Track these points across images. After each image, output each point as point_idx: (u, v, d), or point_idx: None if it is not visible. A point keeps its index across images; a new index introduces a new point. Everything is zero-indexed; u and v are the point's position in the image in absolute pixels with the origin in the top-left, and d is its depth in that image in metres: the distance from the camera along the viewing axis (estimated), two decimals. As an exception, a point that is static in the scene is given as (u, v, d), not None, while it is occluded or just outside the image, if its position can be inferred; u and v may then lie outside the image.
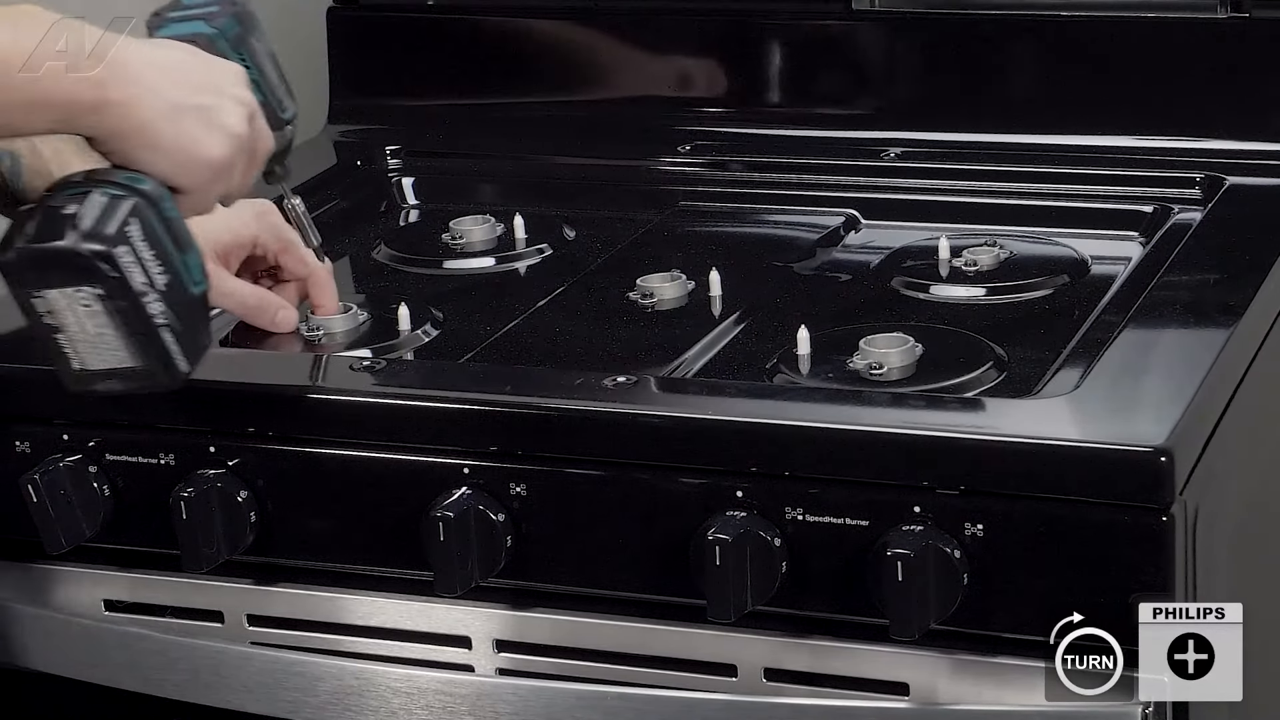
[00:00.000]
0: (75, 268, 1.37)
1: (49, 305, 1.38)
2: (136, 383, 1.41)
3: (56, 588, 1.61)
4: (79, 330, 1.39)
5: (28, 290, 1.38)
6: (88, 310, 1.38)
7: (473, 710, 1.48)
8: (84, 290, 1.37)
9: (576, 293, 1.74)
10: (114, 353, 1.39)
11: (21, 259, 1.38)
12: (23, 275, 1.38)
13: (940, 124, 1.96)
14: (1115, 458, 1.33)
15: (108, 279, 1.37)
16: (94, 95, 1.38)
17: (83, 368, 1.40)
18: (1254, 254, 1.64)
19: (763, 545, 1.39)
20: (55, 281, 1.37)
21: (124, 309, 1.38)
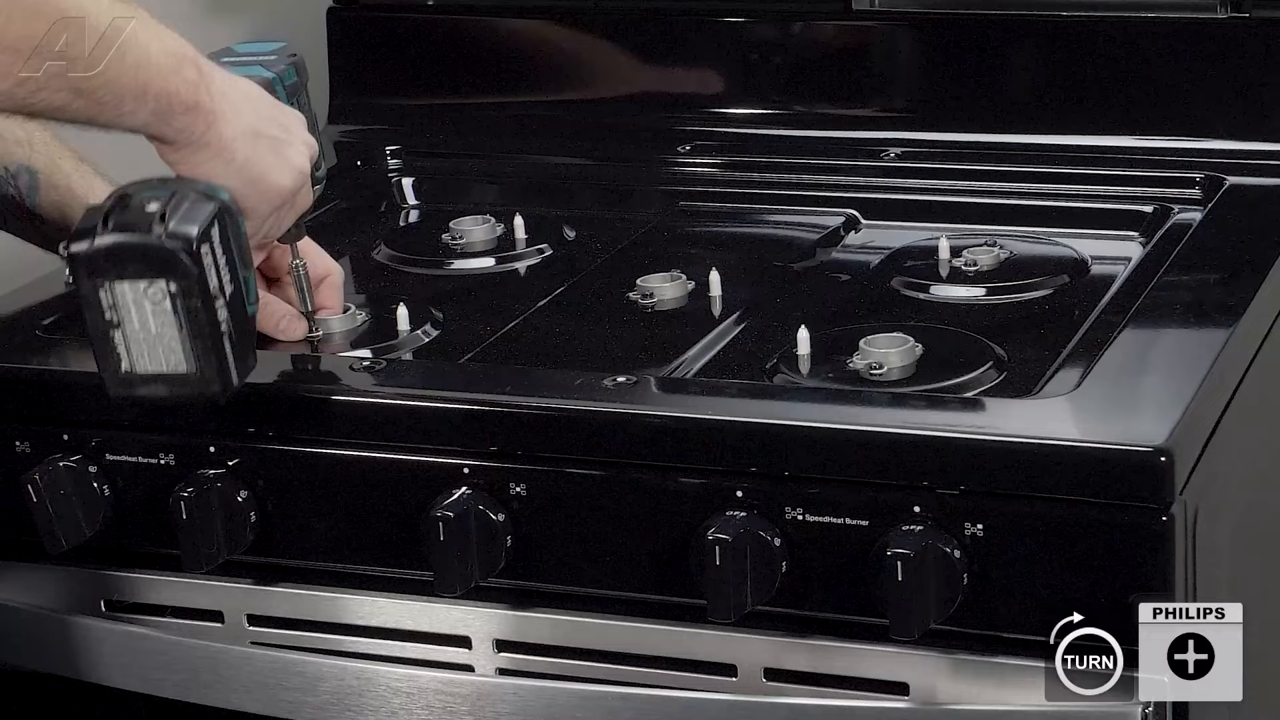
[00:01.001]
0: (157, 261, 1.38)
1: (116, 299, 1.39)
2: (182, 390, 1.42)
3: (56, 588, 1.61)
4: (140, 329, 1.40)
5: (98, 281, 1.39)
6: (156, 308, 1.39)
7: (473, 710, 1.48)
8: (158, 285, 1.38)
9: (576, 293, 1.74)
10: (170, 355, 1.40)
11: (101, 248, 1.38)
12: (98, 265, 1.39)
13: (940, 124, 1.96)
14: (1115, 458, 1.33)
15: (188, 275, 1.38)
16: (191, 96, 1.42)
17: (130, 370, 1.41)
18: (1254, 254, 1.64)
19: (763, 545, 1.39)
20: (131, 274, 1.38)
21: (194, 309, 1.39)
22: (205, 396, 1.43)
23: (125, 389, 1.42)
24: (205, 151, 1.45)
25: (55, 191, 1.67)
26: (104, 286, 1.39)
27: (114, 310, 1.40)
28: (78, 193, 1.67)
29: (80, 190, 1.67)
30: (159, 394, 1.42)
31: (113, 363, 1.41)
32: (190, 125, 1.43)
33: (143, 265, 1.39)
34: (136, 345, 1.41)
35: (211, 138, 1.45)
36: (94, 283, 1.39)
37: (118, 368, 1.42)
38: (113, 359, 1.41)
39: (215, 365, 1.41)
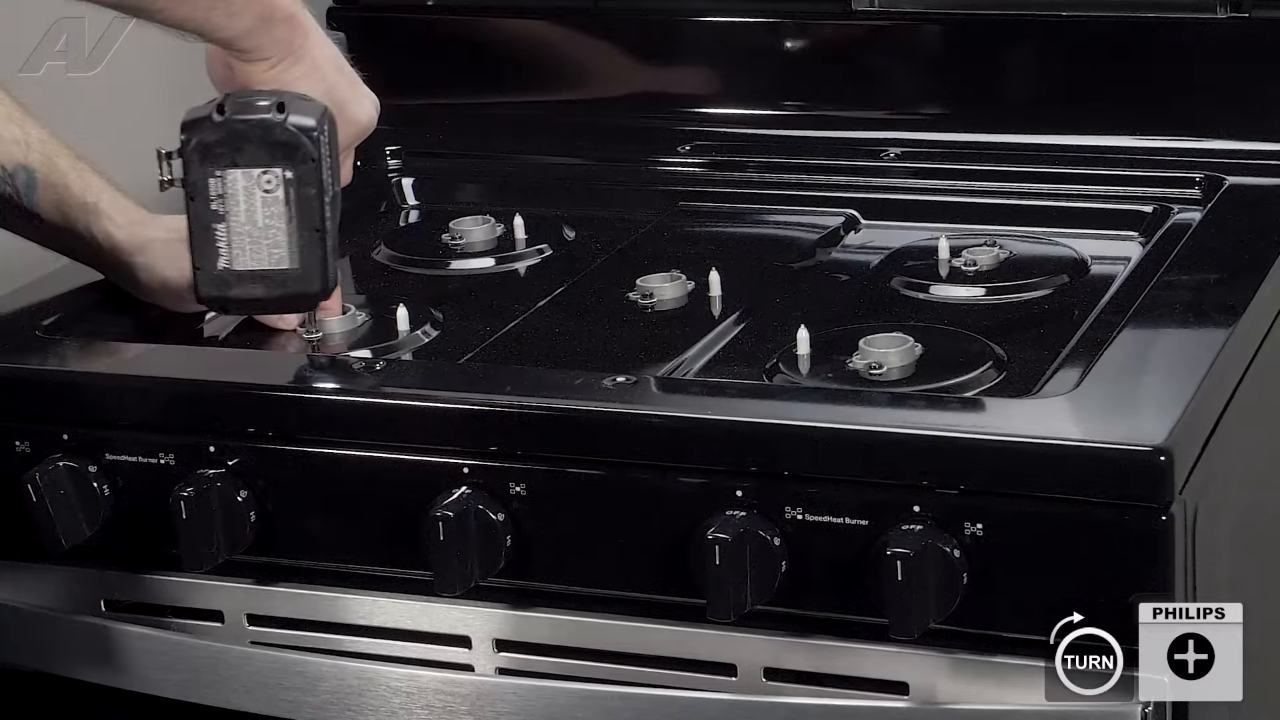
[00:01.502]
0: (278, 147, 1.39)
1: (226, 188, 1.39)
2: (280, 290, 1.42)
3: (56, 588, 1.61)
4: (246, 221, 1.40)
5: (212, 168, 1.39)
6: (267, 197, 1.39)
7: (473, 710, 1.48)
8: (274, 173, 1.39)
9: (576, 293, 1.74)
10: (274, 250, 1.41)
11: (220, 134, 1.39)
12: (214, 151, 1.39)
13: (940, 124, 1.97)
14: (1115, 457, 1.33)
15: (307, 161, 1.40)
16: (292, 7, 1.45)
17: (229, 266, 1.41)
18: (1254, 254, 1.64)
19: (762, 545, 1.39)
20: (247, 160, 1.39)
21: (307, 199, 1.40)
22: (303, 297, 1.44)
23: (219, 288, 1.42)
24: (299, 67, 1.47)
25: (53, 190, 1.67)
26: (216, 174, 1.39)
27: (222, 200, 1.40)
28: (74, 191, 1.67)
29: (77, 189, 1.67)
30: (254, 294, 1.42)
31: (211, 259, 1.41)
32: (289, 37, 1.45)
33: (261, 151, 1.39)
34: (239, 239, 1.41)
35: (305, 53, 1.47)
36: (206, 170, 1.39)
37: (215, 264, 1.41)
38: (212, 255, 1.41)
39: (319, 262, 1.41)
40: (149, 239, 1.67)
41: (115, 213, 1.68)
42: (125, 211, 1.68)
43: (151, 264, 1.67)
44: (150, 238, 1.67)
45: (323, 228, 1.42)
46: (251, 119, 1.40)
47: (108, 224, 1.68)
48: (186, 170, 1.41)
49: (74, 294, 1.73)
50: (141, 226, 1.68)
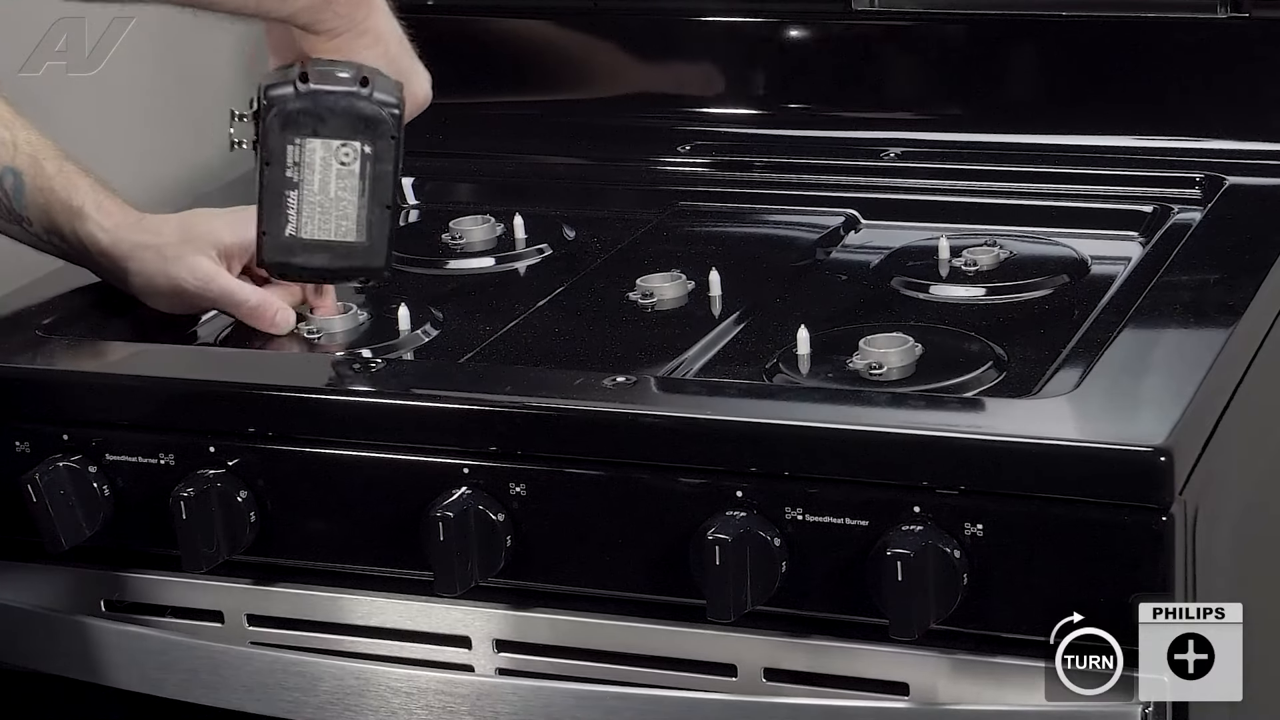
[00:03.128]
0: (361, 120, 1.41)
1: (304, 157, 1.41)
2: (343, 262, 1.43)
3: (56, 588, 1.61)
4: (318, 191, 1.41)
5: (290, 135, 1.40)
6: (342, 169, 1.41)
7: (473, 710, 1.48)
8: (353, 146, 1.41)
9: (576, 293, 1.74)
10: (342, 222, 1.42)
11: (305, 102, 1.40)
12: (298, 118, 1.40)
13: (940, 124, 1.97)
14: (1115, 458, 1.33)
15: (386, 137, 1.41)
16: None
17: (296, 233, 1.42)
18: (1254, 254, 1.64)
19: (763, 545, 1.39)
20: (329, 131, 1.40)
21: (382, 175, 1.41)
22: (366, 271, 1.45)
23: (283, 254, 1.43)
24: (363, 39, 1.46)
25: (39, 193, 1.67)
26: (295, 142, 1.40)
27: (297, 169, 1.41)
28: (60, 194, 1.66)
29: (62, 191, 1.66)
30: (317, 263, 1.44)
31: (279, 225, 1.42)
32: (351, 11, 1.45)
33: (343, 124, 1.41)
34: (310, 209, 1.42)
35: (369, 25, 1.46)
36: (285, 136, 1.40)
37: (282, 230, 1.42)
38: (280, 221, 1.42)
39: (385, 239, 1.43)
40: (137, 244, 1.66)
41: (101, 216, 1.67)
42: (111, 215, 1.67)
43: (141, 270, 1.66)
44: (138, 243, 1.66)
45: (393, 204, 1.44)
46: (337, 90, 1.41)
47: (93, 228, 1.66)
48: (265, 136, 1.42)
49: (74, 294, 1.73)
50: (129, 231, 1.67)
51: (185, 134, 2.15)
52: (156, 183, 1.87)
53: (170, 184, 1.85)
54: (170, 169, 2.09)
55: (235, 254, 1.66)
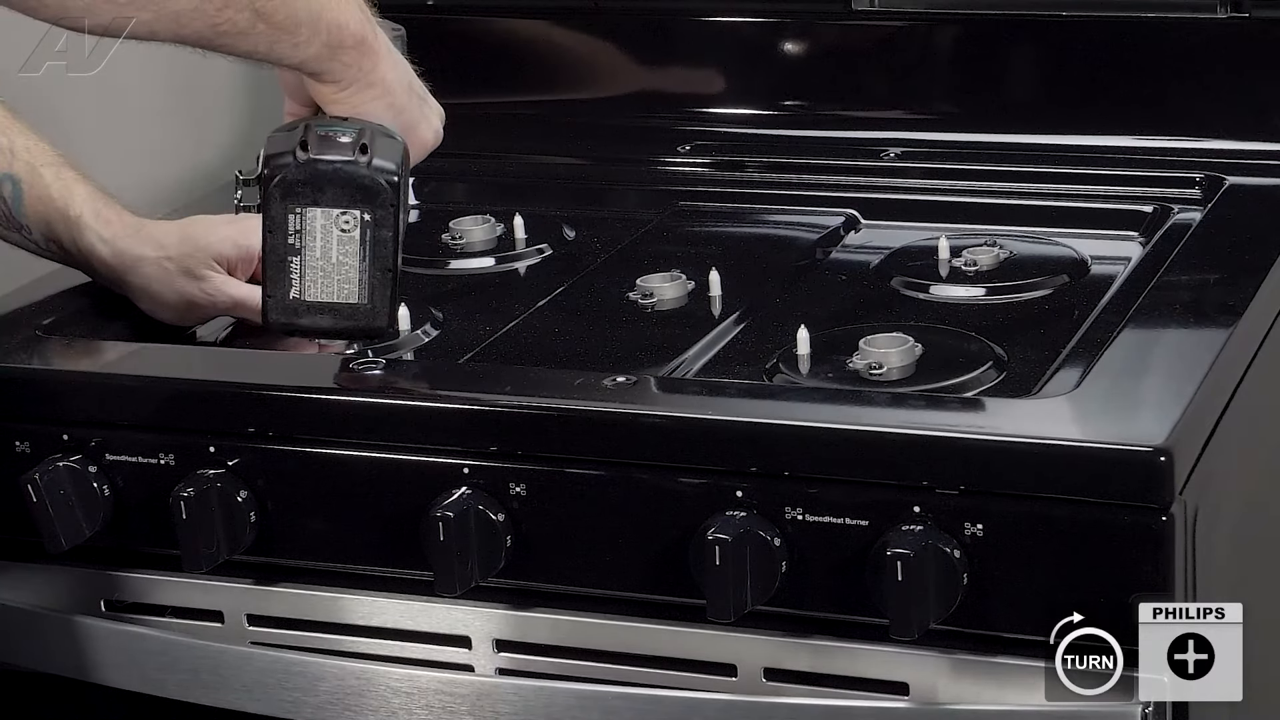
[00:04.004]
0: (360, 189, 1.42)
1: (305, 224, 1.42)
2: (347, 322, 1.46)
3: (56, 588, 1.61)
4: (320, 256, 1.43)
5: (290, 205, 1.42)
6: (343, 235, 1.42)
7: (473, 710, 1.48)
8: (352, 214, 1.42)
9: (576, 293, 1.74)
10: (344, 285, 1.44)
11: (304, 173, 1.42)
12: (296, 189, 1.42)
13: (940, 124, 1.97)
14: (1115, 458, 1.33)
15: (386, 206, 1.42)
16: (360, 31, 1.44)
17: (299, 296, 1.44)
18: (1254, 254, 1.64)
19: (763, 545, 1.39)
20: (328, 200, 1.42)
21: (382, 240, 1.43)
22: (368, 331, 1.47)
23: (288, 315, 1.45)
24: (370, 91, 1.47)
25: (38, 202, 1.66)
26: (296, 211, 1.42)
27: (299, 235, 1.43)
28: (57, 203, 1.66)
29: (60, 200, 1.66)
30: (321, 324, 1.46)
31: (283, 288, 1.44)
32: (358, 61, 1.45)
33: (342, 193, 1.42)
34: (312, 273, 1.44)
35: (376, 78, 1.47)
36: (286, 205, 1.42)
37: (286, 294, 1.45)
38: (284, 284, 1.44)
39: (387, 300, 1.45)
40: (139, 257, 1.66)
41: (100, 225, 1.66)
42: (110, 223, 1.67)
43: (145, 284, 1.67)
44: (140, 255, 1.66)
45: (394, 268, 1.45)
46: (335, 160, 1.43)
47: (93, 238, 1.66)
48: (267, 204, 1.44)
49: (74, 294, 1.73)
50: (129, 242, 1.66)
51: (185, 134, 2.15)
52: (157, 183, 1.87)
53: (171, 184, 1.85)
54: (170, 169, 2.09)
55: (239, 266, 1.67)
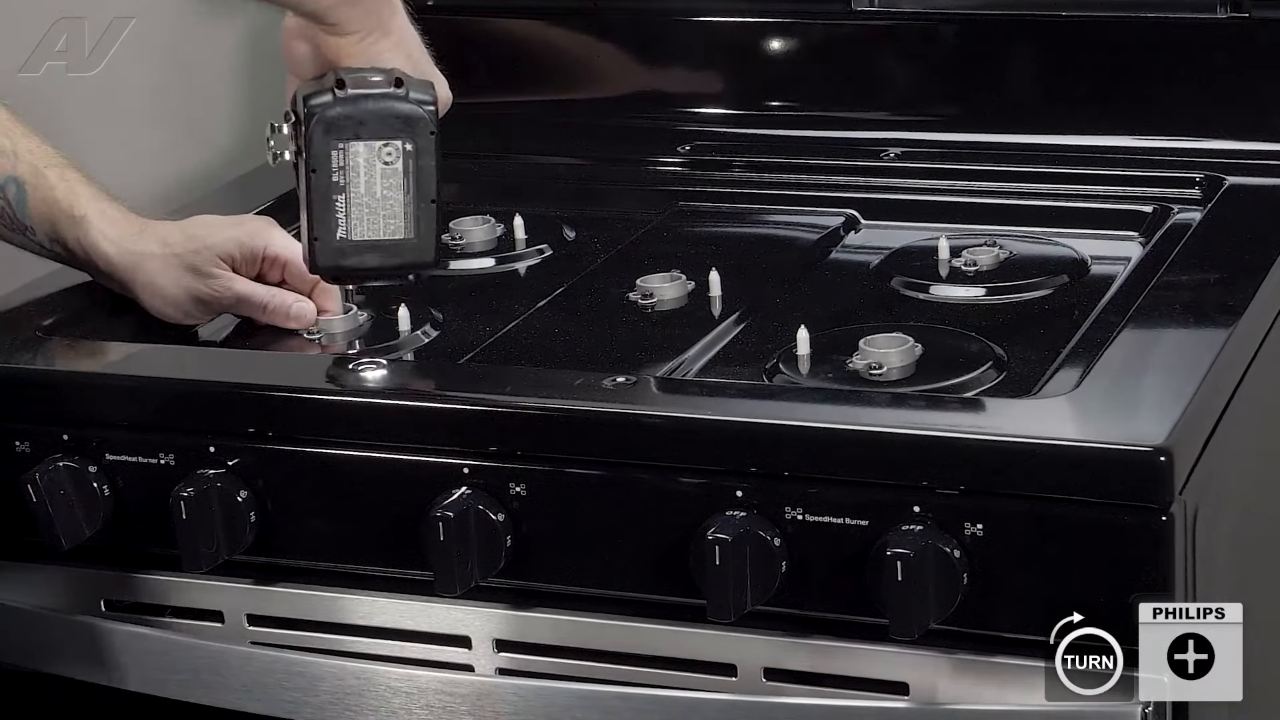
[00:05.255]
0: (400, 119, 1.46)
1: (349, 160, 1.45)
2: (394, 259, 1.48)
3: (56, 588, 1.61)
4: (365, 192, 1.46)
5: (335, 140, 1.45)
6: (386, 169, 1.45)
7: (473, 710, 1.48)
8: (394, 145, 1.45)
9: (576, 293, 1.74)
10: (390, 221, 1.47)
11: (345, 108, 1.45)
12: (339, 124, 1.45)
13: (940, 124, 1.97)
14: (1115, 457, 1.33)
15: (426, 134, 1.46)
16: None
17: (347, 236, 1.46)
18: (1254, 254, 1.64)
19: (763, 545, 1.39)
20: (370, 133, 1.45)
21: (424, 170, 1.46)
22: (416, 266, 1.49)
23: (336, 258, 1.47)
24: (387, 40, 1.49)
25: (43, 204, 1.66)
26: (338, 146, 1.45)
27: (343, 172, 1.45)
28: (62, 204, 1.66)
29: (64, 201, 1.66)
30: (369, 263, 1.47)
31: (330, 229, 1.46)
32: (377, 9, 1.48)
33: (384, 125, 1.45)
34: (359, 210, 1.46)
35: (394, 26, 1.49)
36: (329, 142, 1.45)
37: (334, 234, 1.46)
38: (331, 225, 1.46)
39: (432, 233, 1.47)
40: (144, 254, 1.66)
41: (105, 225, 1.67)
42: (115, 223, 1.67)
43: (151, 280, 1.67)
44: (145, 253, 1.66)
45: (437, 198, 1.48)
46: (374, 93, 1.46)
47: (98, 238, 1.66)
48: (309, 143, 1.46)
49: (74, 294, 1.73)
50: (134, 240, 1.67)
51: (185, 134, 2.15)
52: (156, 182, 1.87)
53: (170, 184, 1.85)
54: (170, 169, 2.09)
55: (242, 265, 1.68)
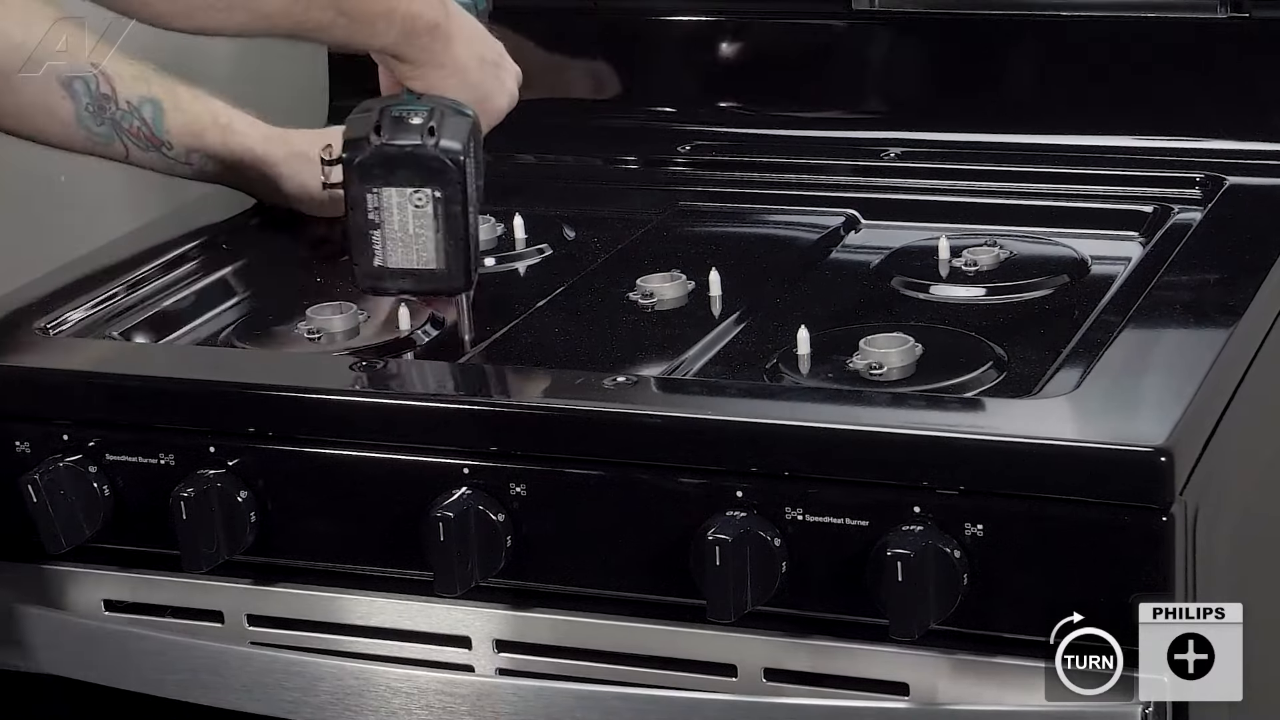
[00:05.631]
0: (428, 170, 1.57)
1: (381, 202, 1.57)
2: (427, 285, 1.60)
3: (56, 588, 1.61)
4: (398, 229, 1.57)
5: (368, 186, 1.57)
6: (418, 210, 1.56)
7: (473, 710, 1.48)
8: (424, 192, 1.56)
9: (576, 293, 1.74)
10: (422, 253, 1.58)
11: (377, 157, 1.56)
12: (371, 171, 1.57)
13: (940, 124, 1.96)
14: (1115, 458, 1.33)
15: (453, 184, 1.57)
16: (433, 17, 1.59)
17: (383, 264, 1.59)
18: (1254, 254, 1.64)
19: (763, 545, 1.39)
20: (400, 180, 1.57)
21: (453, 214, 1.57)
22: (448, 290, 1.60)
23: (374, 280, 1.60)
24: (442, 70, 1.60)
25: (182, 115, 1.79)
26: (372, 190, 1.57)
27: (377, 212, 1.57)
28: (204, 116, 1.80)
29: (206, 114, 1.80)
30: (404, 286, 1.60)
31: (367, 258, 1.59)
32: (431, 45, 1.59)
33: (413, 174, 1.57)
34: (392, 243, 1.57)
35: (448, 58, 1.60)
36: (364, 186, 1.57)
37: (370, 262, 1.59)
38: (368, 255, 1.59)
39: (462, 264, 1.58)
40: (290, 153, 1.83)
41: (249, 128, 1.82)
42: (256, 126, 1.83)
43: (295, 173, 1.82)
44: (291, 151, 1.83)
45: (466, 236, 1.58)
46: (405, 144, 1.57)
47: (245, 139, 1.82)
48: (347, 184, 1.58)
49: (73, 294, 1.73)
50: (278, 142, 1.83)
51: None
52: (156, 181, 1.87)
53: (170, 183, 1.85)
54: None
55: None
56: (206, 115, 1.80)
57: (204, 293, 1.78)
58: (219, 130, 1.81)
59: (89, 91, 1.74)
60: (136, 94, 1.76)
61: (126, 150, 1.77)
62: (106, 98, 1.74)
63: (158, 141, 1.78)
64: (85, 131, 1.75)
